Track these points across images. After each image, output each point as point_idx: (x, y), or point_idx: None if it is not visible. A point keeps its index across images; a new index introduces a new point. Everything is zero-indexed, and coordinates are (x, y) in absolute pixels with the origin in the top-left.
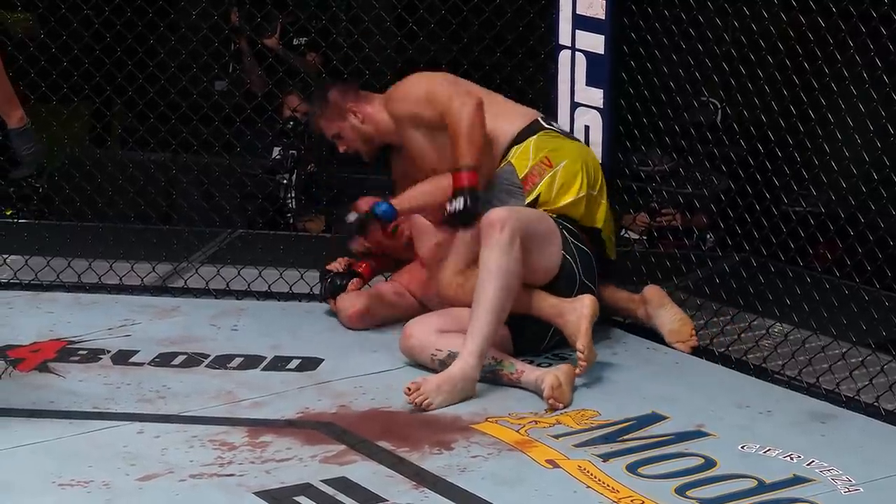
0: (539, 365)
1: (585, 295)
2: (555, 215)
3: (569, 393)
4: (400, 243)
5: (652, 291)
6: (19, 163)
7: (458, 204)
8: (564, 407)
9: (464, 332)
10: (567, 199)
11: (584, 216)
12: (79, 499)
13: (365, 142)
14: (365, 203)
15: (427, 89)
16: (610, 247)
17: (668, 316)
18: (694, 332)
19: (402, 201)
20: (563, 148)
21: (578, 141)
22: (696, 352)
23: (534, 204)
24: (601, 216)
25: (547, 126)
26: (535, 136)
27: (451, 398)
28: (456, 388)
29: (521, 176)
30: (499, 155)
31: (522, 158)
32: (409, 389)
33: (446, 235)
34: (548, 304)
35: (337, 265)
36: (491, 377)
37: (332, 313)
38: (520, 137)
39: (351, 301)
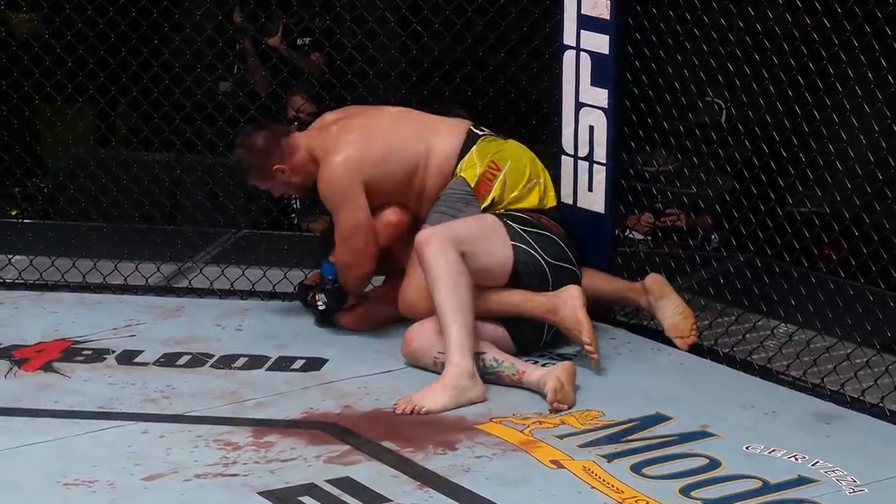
0: (536, 363)
1: (570, 285)
2: (503, 210)
3: (571, 393)
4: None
5: (653, 281)
6: None
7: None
8: (568, 407)
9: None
10: (516, 193)
11: (537, 203)
12: (84, 498)
13: (297, 189)
14: (314, 278)
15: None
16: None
17: (671, 307)
18: (695, 327)
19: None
20: (504, 149)
21: (510, 139)
22: (701, 352)
23: (489, 208)
24: (552, 196)
25: (480, 133)
26: (475, 146)
27: (449, 400)
28: (447, 388)
29: (473, 185)
30: (450, 170)
31: (470, 168)
32: (397, 406)
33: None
34: (537, 303)
35: (314, 279)
36: (493, 378)
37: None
38: (463, 150)
39: (348, 304)
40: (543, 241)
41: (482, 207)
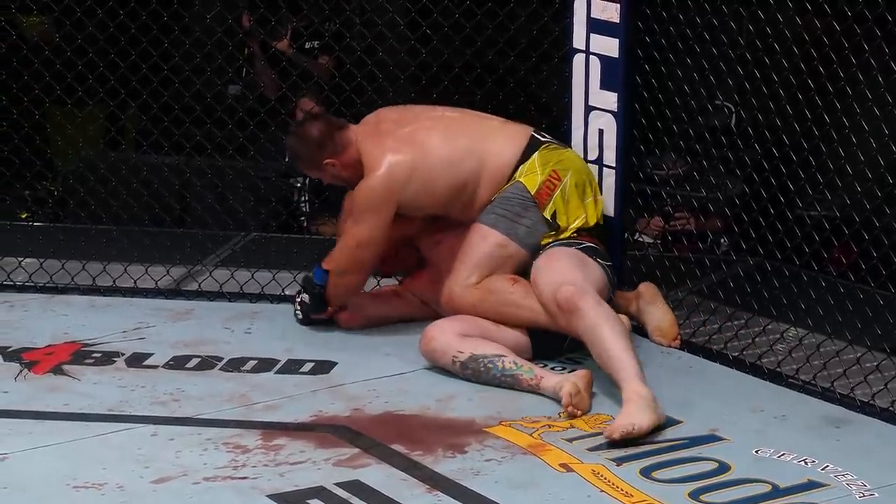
0: (553, 369)
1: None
2: (575, 232)
3: (587, 399)
4: (402, 266)
5: (646, 287)
6: None
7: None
8: (583, 413)
9: (484, 337)
10: (580, 211)
11: (595, 218)
12: (93, 501)
13: (347, 182)
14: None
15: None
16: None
17: (659, 314)
18: (679, 335)
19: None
20: (566, 159)
21: (569, 148)
22: (710, 356)
23: (553, 219)
24: (601, 211)
25: (543, 139)
26: (537, 152)
27: (654, 416)
28: (645, 407)
29: (532, 192)
30: (504, 177)
31: (531, 175)
32: (612, 434)
33: (450, 237)
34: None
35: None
36: (511, 381)
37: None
38: (524, 156)
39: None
40: (612, 272)
41: (546, 217)
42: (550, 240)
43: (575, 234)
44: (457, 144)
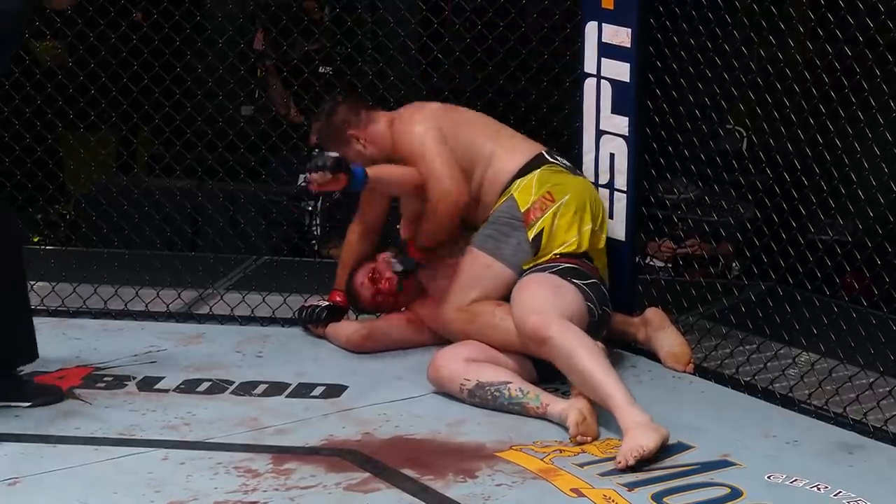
0: (564, 394)
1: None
2: (558, 254)
3: (594, 425)
4: (401, 301)
5: (653, 313)
6: None
7: (399, 267)
8: (592, 440)
9: (491, 362)
10: (569, 236)
11: (587, 246)
12: None
13: (370, 162)
14: (312, 300)
15: (427, 154)
16: (604, 276)
17: (669, 339)
18: (692, 359)
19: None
20: (566, 183)
21: (582, 176)
22: (722, 380)
23: (538, 239)
24: (601, 250)
25: (551, 160)
26: (538, 170)
27: (659, 436)
28: (648, 428)
29: (522, 210)
30: (499, 189)
31: (525, 192)
32: (626, 462)
33: (450, 269)
34: None
35: (314, 298)
36: (518, 408)
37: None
38: (523, 171)
39: (356, 325)
40: (595, 291)
41: (530, 237)
42: (530, 264)
43: (556, 256)
44: (477, 124)
